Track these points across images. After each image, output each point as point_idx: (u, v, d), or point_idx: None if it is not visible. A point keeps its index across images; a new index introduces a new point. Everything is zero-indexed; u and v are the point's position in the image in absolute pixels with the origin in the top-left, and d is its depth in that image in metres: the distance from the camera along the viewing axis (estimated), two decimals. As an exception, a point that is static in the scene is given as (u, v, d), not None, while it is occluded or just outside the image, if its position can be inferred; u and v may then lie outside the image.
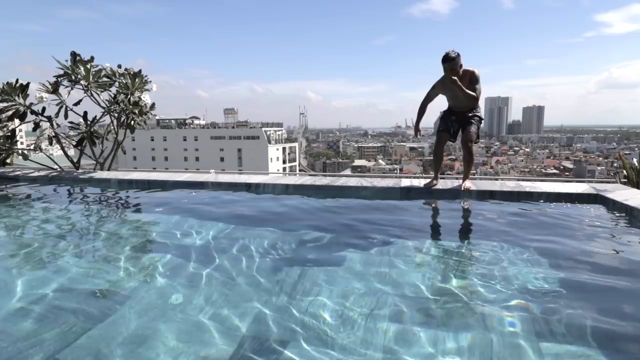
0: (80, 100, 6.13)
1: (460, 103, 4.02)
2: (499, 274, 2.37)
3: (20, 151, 6.63)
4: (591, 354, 1.64)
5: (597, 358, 1.63)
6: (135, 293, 2.23)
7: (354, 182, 4.75)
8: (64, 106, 5.98)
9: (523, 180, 5.04)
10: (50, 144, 6.31)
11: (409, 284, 2.30)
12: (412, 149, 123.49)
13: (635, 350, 1.72)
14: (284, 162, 61.13)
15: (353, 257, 2.78)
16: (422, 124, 4.44)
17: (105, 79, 6.14)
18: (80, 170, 6.27)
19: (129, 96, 6.22)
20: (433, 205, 4.22)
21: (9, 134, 6.26)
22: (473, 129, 4.03)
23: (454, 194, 4.24)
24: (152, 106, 6.49)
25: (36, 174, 6.01)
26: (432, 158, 4.51)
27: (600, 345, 1.68)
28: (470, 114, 4.09)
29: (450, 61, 3.72)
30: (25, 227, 3.71)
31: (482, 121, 4.18)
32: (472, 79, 3.80)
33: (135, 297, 2.18)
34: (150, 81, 6.44)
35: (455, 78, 3.70)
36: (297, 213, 3.97)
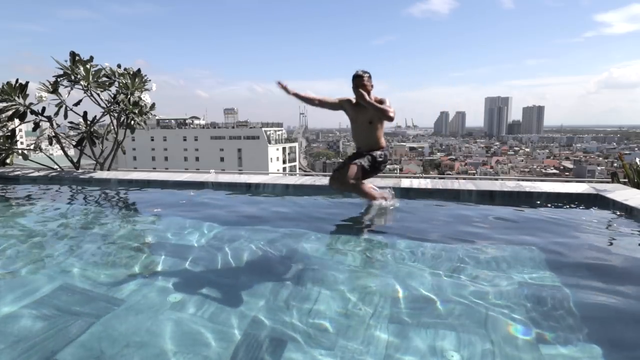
0: (80, 101, 6.14)
1: (359, 135, 3.77)
2: (497, 274, 2.37)
3: (20, 151, 6.63)
4: (591, 353, 1.64)
5: (597, 357, 1.63)
6: (134, 293, 2.22)
7: (354, 182, 4.74)
8: (64, 106, 5.98)
9: (523, 180, 5.04)
10: (50, 144, 6.31)
11: (408, 283, 2.30)
12: (412, 148, 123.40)
13: (635, 349, 1.72)
14: (284, 162, 61.11)
15: (352, 257, 2.78)
16: (422, 124, 4.36)
17: (104, 78, 6.14)
18: (80, 170, 6.27)
19: (128, 96, 6.22)
20: (433, 205, 4.21)
21: (9, 134, 6.26)
22: (355, 165, 3.56)
23: (455, 194, 4.25)
24: (152, 106, 6.49)
25: (36, 174, 6.01)
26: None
27: (600, 345, 1.68)
28: (366, 152, 3.69)
29: (358, 78, 3.58)
30: (24, 227, 3.70)
31: (383, 164, 3.76)
32: (380, 101, 3.56)
33: (133, 297, 2.18)
34: (150, 80, 6.44)
35: (363, 92, 3.53)
36: (296, 213, 3.96)
